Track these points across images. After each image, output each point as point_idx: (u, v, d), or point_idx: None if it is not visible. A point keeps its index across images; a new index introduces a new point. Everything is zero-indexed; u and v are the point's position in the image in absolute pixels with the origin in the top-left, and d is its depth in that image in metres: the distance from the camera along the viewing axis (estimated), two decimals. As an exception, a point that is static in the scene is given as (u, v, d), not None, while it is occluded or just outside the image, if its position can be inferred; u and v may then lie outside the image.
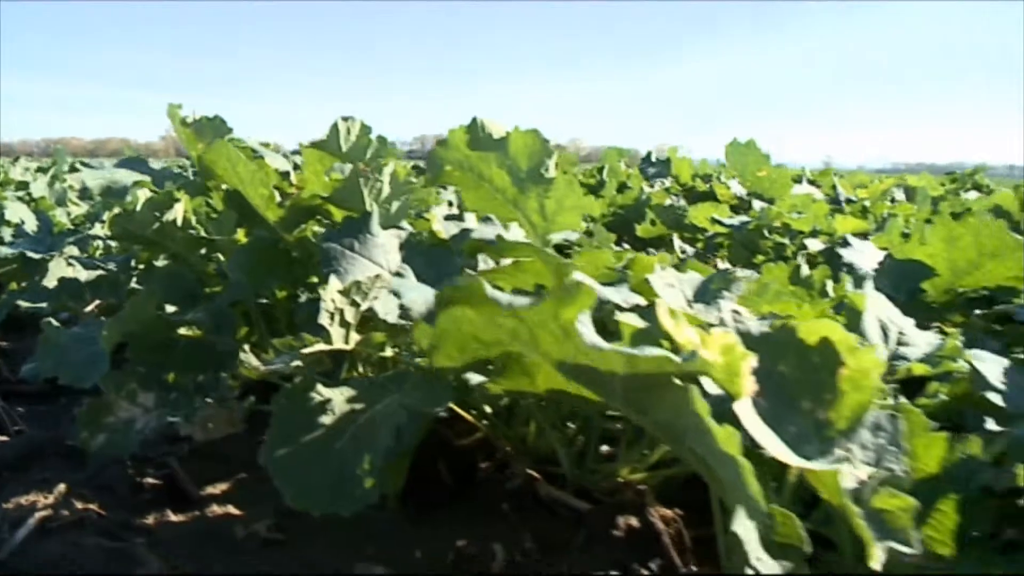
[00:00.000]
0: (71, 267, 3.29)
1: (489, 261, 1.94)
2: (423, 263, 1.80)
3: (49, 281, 3.17)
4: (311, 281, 2.19)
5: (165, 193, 2.38)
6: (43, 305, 2.93)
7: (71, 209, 5.18)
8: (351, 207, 2.03)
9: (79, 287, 2.84)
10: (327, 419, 1.49)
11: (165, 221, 2.34)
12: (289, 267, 2.19)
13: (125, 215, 2.33)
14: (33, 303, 2.98)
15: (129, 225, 2.35)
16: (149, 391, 1.94)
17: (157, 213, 2.34)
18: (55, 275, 3.19)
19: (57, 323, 2.03)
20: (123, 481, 1.88)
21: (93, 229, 3.84)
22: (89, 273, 3.07)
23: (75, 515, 1.67)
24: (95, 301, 2.89)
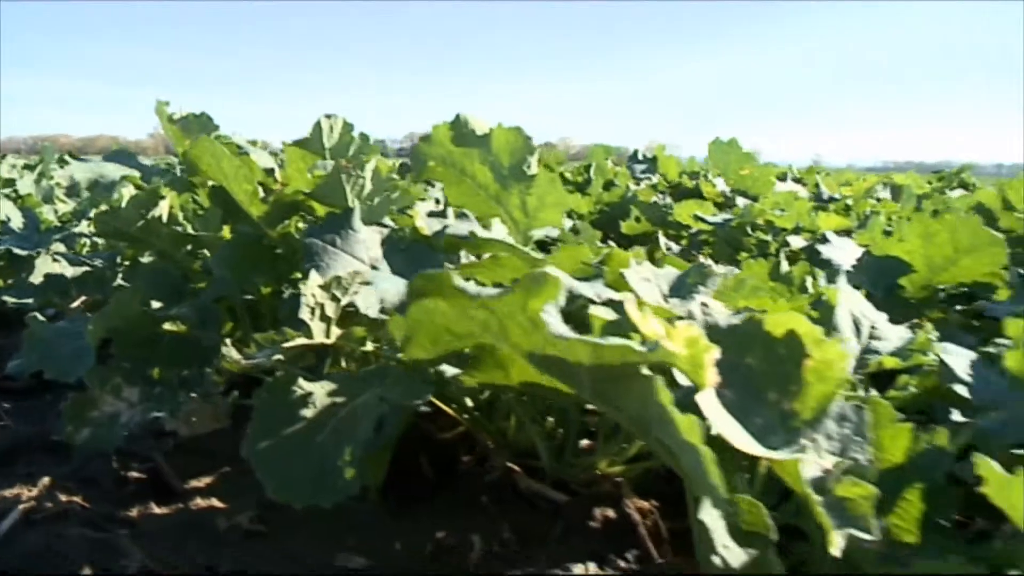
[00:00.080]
0: (57, 263, 3.30)
1: (471, 257, 1.97)
2: (404, 259, 1.82)
3: (35, 277, 3.18)
4: (295, 277, 2.21)
5: (150, 190, 2.39)
6: (29, 301, 2.95)
7: (58, 206, 5.18)
8: (333, 203, 2.05)
9: (65, 283, 2.86)
10: (308, 412, 1.51)
11: (150, 218, 2.35)
12: (273, 263, 2.21)
13: (110, 212, 2.35)
14: (19, 299, 2.99)
15: (114, 222, 2.36)
16: (134, 386, 1.96)
17: (142, 210, 2.35)
18: (41, 271, 3.20)
19: (43, 318, 2.05)
20: (108, 475, 1.90)
21: (80, 226, 3.85)
22: (75, 269, 3.08)
23: (59, 507, 1.69)
24: (81, 297, 2.91)
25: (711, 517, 1.04)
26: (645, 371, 1.00)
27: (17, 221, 3.92)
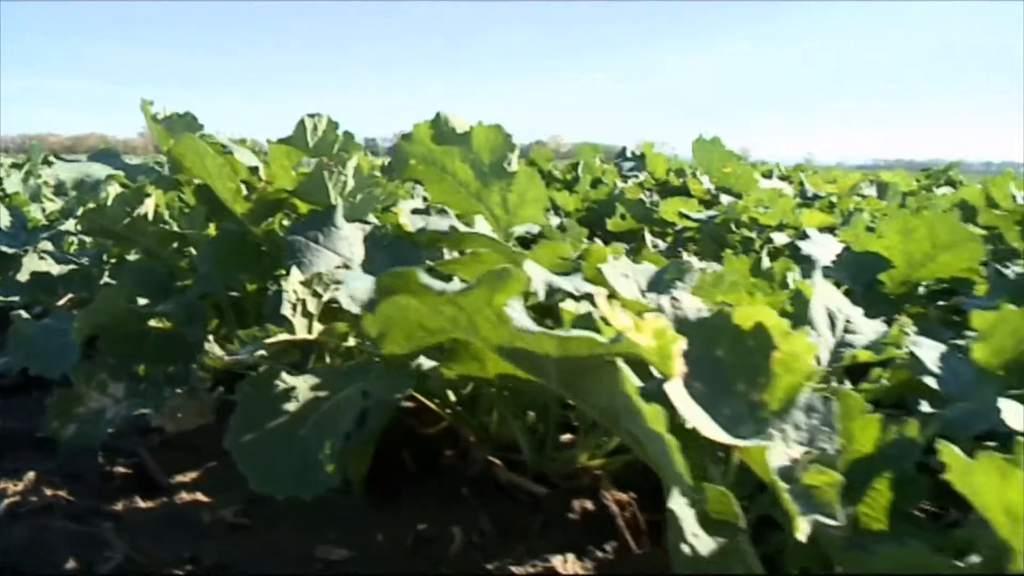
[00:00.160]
0: (44, 261, 3.31)
1: (455, 254, 1.99)
2: (386, 255, 1.84)
3: (22, 275, 3.18)
4: (279, 273, 2.22)
5: (136, 188, 2.41)
6: (16, 299, 2.95)
7: (46, 205, 5.16)
8: (316, 200, 2.07)
9: (51, 281, 2.86)
10: (291, 406, 1.53)
11: (136, 216, 2.36)
12: (258, 260, 2.23)
13: (96, 210, 2.36)
14: (6, 297, 3.00)
15: (101, 220, 2.37)
16: (119, 382, 1.97)
17: (128, 208, 2.36)
18: (28, 269, 3.21)
19: (28, 316, 2.06)
20: (93, 470, 1.92)
21: (67, 225, 3.85)
22: (61, 267, 3.09)
23: (44, 501, 1.70)
24: (68, 295, 2.91)
25: (680, 506, 1.06)
26: (619, 363, 1.02)
27: (5, 220, 3.92)
